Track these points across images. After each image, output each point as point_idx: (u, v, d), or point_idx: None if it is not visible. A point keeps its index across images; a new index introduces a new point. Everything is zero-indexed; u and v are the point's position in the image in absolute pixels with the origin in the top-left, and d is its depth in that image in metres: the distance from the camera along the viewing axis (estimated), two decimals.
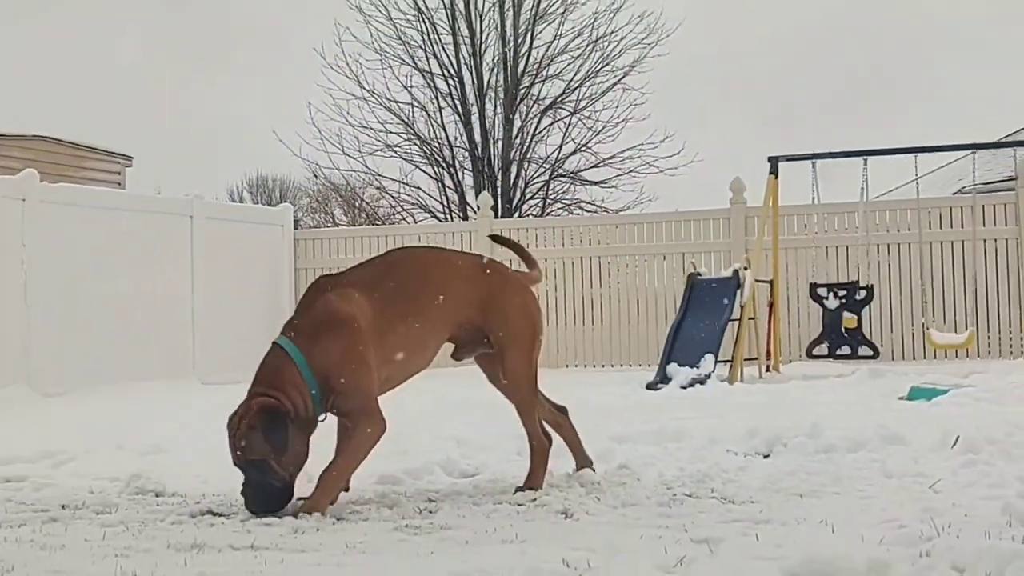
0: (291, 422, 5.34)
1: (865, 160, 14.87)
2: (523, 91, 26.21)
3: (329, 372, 5.49)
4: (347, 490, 5.77)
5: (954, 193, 20.77)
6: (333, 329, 5.56)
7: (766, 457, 6.71)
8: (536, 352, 6.26)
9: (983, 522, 4.34)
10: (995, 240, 15.84)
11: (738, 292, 13.99)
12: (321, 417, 5.54)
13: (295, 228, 18.97)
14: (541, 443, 6.13)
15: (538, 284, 6.66)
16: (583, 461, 6.37)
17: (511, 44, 26.03)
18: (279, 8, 53.26)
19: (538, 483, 5.97)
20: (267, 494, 5.36)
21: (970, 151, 16.84)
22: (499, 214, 23.28)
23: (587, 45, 25.85)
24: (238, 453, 5.34)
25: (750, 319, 14.20)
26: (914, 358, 15.46)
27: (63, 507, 5.62)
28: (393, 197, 27.22)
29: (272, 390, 5.41)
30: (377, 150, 26.46)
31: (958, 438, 6.66)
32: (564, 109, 26.25)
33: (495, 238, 7.47)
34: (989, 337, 15.65)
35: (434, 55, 26.16)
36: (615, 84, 25.89)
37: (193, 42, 60.24)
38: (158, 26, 59.80)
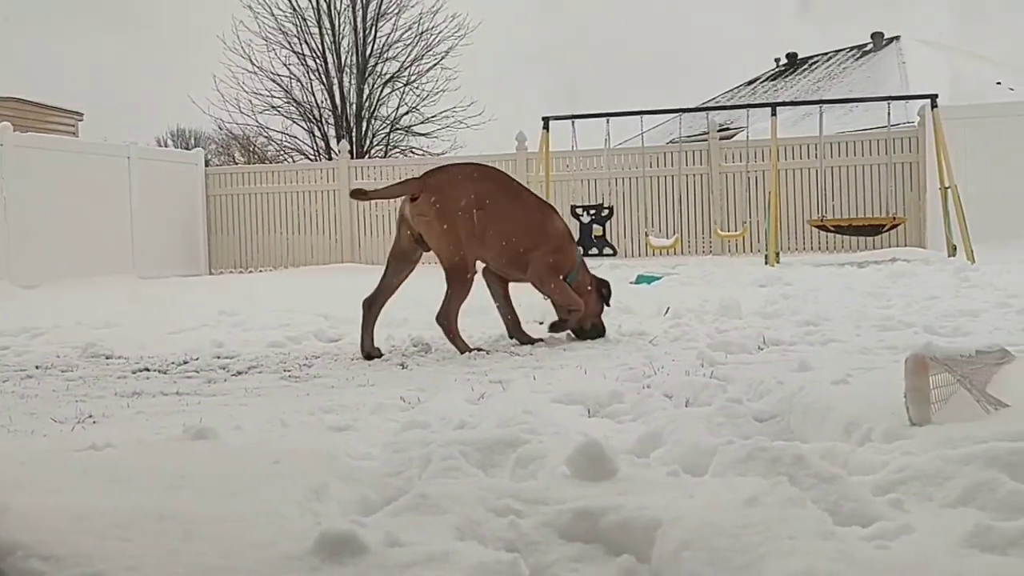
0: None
1: (607, 119, 14.97)
2: (371, 68, 25.73)
3: None
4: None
5: (667, 143, 21.11)
6: None
7: (541, 324, 6.77)
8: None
9: (685, 364, 4.47)
10: (693, 176, 16.16)
11: None
12: None
13: (206, 166, 18.32)
14: None
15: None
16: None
17: (361, 34, 25.51)
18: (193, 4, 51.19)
19: None
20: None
21: (677, 114, 17.20)
22: (354, 156, 22.81)
23: (415, 36, 25.46)
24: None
25: None
26: (639, 255, 15.80)
27: (37, 367, 5.37)
28: (277, 144, 26.78)
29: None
30: (265, 110, 25.91)
31: (668, 308, 6.85)
32: (400, 81, 25.90)
33: (354, 195, 6.40)
34: (689, 241, 16.03)
35: (305, 42, 25.55)
36: (435, 64, 25.63)
37: (129, 29, 57.31)
38: (109, 21, 56.67)
